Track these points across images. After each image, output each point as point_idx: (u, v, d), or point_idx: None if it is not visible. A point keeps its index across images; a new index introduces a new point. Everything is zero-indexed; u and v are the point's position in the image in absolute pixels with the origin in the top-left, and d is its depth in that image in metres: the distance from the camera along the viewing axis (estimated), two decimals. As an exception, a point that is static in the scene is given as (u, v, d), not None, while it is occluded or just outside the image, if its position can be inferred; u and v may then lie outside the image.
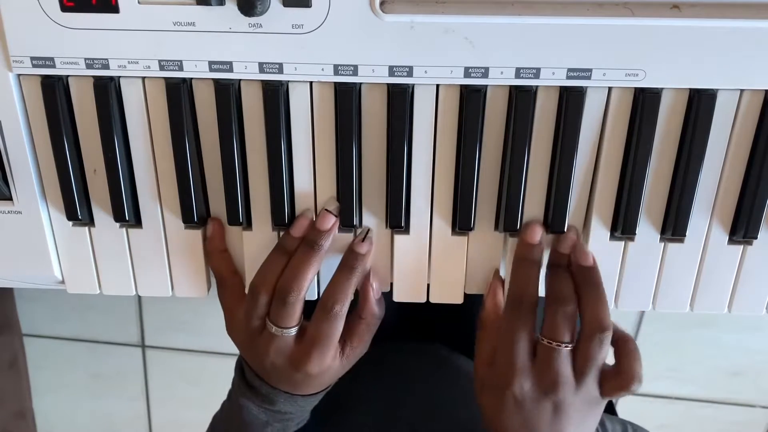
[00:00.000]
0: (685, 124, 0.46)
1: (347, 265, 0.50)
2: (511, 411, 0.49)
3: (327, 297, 0.49)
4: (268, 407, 0.54)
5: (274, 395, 0.54)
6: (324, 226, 0.49)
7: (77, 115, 0.47)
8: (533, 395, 0.48)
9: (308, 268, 0.48)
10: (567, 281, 0.49)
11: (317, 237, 0.49)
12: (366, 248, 0.50)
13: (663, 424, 1.59)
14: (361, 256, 0.50)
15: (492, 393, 0.50)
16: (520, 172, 0.47)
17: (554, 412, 0.48)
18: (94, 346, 1.62)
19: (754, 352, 1.48)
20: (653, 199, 0.48)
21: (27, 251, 0.52)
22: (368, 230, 0.50)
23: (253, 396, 0.55)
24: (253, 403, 0.55)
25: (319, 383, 0.53)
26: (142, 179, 0.49)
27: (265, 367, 0.52)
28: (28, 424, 1.64)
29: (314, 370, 0.50)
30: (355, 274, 0.49)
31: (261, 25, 0.43)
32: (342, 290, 0.49)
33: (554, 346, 0.47)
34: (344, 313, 0.49)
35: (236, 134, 0.47)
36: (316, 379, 0.52)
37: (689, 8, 0.43)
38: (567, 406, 0.48)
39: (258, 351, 0.51)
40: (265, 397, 0.54)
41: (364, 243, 0.50)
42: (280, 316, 0.49)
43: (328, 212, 0.49)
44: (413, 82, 0.45)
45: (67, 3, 0.43)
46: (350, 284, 0.49)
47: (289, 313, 0.49)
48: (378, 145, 0.48)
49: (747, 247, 0.50)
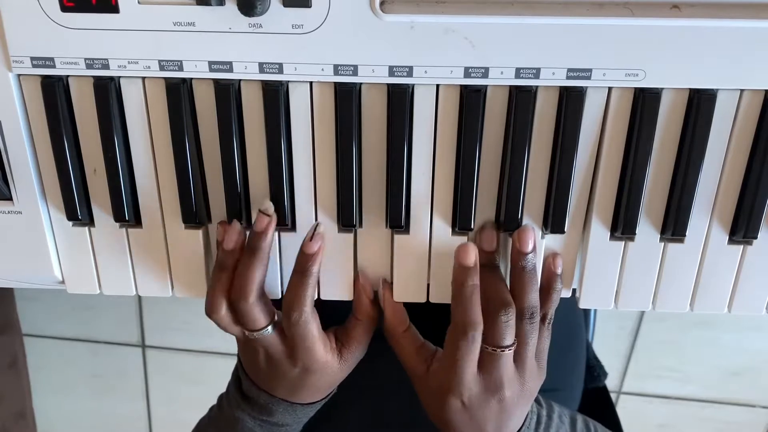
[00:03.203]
0: (685, 124, 0.46)
1: (299, 269, 0.49)
2: (457, 412, 0.50)
3: (286, 305, 0.49)
4: (265, 419, 0.54)
5: (273, 404, 0.53)
6: (259, 228, 0.48)
7: (77, 115, 0.47)
8: (479, 399, 0.49)
9: (253, 273, 0.48)
10: (500, 283, 0.49)
11: (255, 240, 0.48)
12: (315, 247, 0.49)
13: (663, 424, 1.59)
14: (312, 256, 0.49)
15: (437, 395, 0.50)
16: (520, 172, 0.47)
17: (500, 408, 0.50)
18: (94, 346, 1.62)
19: (754, 352, 1.48)
20: (653, 199, 0.48)
21: (27, 251, 0.52)
22: (316, 226, 0.49)
23: (250, 408, 0.54)
24: (249, 415, 0.54)
25: (317, 386, 0.53)
26: (142, 179, 0.49)
27: (261, 368, 0.52)
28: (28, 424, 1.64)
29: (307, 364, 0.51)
30: (308, 277, 0.49)
31: (261, 25, 0.43)
32: (298, 295, 0.49)
33: (499, 353, 0.48)
34: (307, 317, 0.49)
35: (236, 134, 0.47)
36: (315, 376, 0.52)
37: (689, 8, 0.43)
38: (513, 400, 0.50)
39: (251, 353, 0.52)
40: (263, 407, 0.54)
41: (313, 242, 0.49)
42: (245, 322, 0.49)
43: (261, 213, 0.48)
44: (413, 82, 0.45)
45: (67, 3, 0.43)
46: (306, 287, 0.49)
47: (251, 318, 0.49)
48: (378, 145, 0.48)
49: (747, 247, 0.50)
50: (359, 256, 0.52)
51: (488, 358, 0.48)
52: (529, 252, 0.49)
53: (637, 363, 1.52)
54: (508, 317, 0.47)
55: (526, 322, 0.49)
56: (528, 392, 0.51)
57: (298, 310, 0.49)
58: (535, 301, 0.49)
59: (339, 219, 0.50)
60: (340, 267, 0.52)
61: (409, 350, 0.52)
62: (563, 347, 0.78)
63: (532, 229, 0.49)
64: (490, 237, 0.50)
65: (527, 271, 0.49)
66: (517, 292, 0.49)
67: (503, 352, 0.48)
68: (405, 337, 0.52)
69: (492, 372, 0.48)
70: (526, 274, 0.49)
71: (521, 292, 0.49)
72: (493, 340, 0.48)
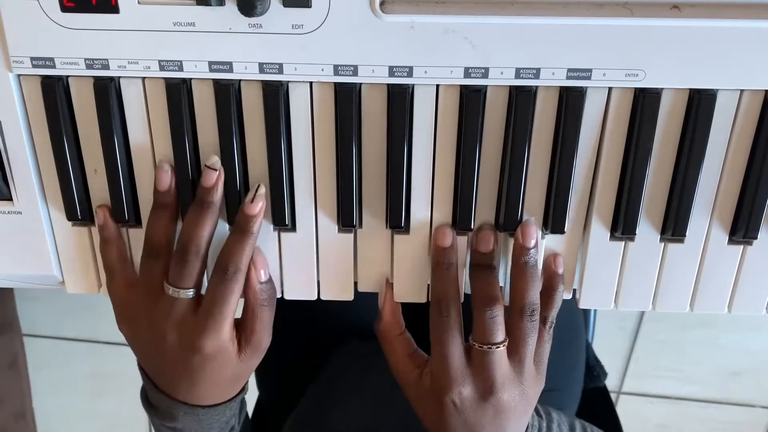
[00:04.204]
0: (685, 124, 0.46)
1: (239, 228, 0.48)
2: (452, 416, 0.49)
3: (221, 260, 0.48)
4: (171, 426, 0.53)
5: (174, 409, 0.53)
6: (207, 183, 0.48)
7: (77, 116, 0.47)
8: (473, 399, 0.48)
9: (203, 225, 0.48)
10: (490, 281, 0.49)
11: (204, 194, 0.48)
12: (257, 208, 0.48)
13: (663, 424, 1.59)
14: (253, 217, 0.48)
15: (429, 401, 0.50)
16: (520, 172, 0.47)
17: (495, 411, 0.49)
18: (94, 346, 1.62)
19: (754, 352, 1.48)
20: (653, 199, 0.48)
21: (27, 251, 0.52)
22: (258, 187, 0.49)
23: (156, 415, 0.54)
24: (159, 422, 0.54)
25: (217, 379, 0.52)
26: (142, 179, 0.49)
27: (164, 358, 0.51)
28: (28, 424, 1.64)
29: (208, 347, 0.48)
30: (248, 236, 0.48)
31: (261, 25, 0.43)
32: (236, 253, 0.48)
33: (486, 349, 0.47)
34: (240, 278, 0.48)
35: (236, 134, 0.47)
36: (213, 364, 0.50)
37: (689, 8, 0.43)
38: (508, 402, 0.49)
39: (155, 329, 0.50)
40: (165, 413, 0.53)
41: (254, 203, 0.48)
42: (178, 274, 0.48)
43: (208, 168, 0.48)
44: (413, 83, 0.45)
45: (67, 3, 0.43)
46: (244, 246, 0.48)
47: (187, 270, 0.48)
48: (378, 146, 0.48)
49: (747, 247, 0.50)
50: (359, 257, 0.52)
51: (478, 355, 0.48)
52: (532, 247, 0.48)
53: (637, 363, 1.52)
54: (494, 312, 0.47)
55: (526, 320, 0.48)
56: (526, 397, 0.50)
57: (233, 264, 0.48)
58: (537, 298, 0.49)
59: (339, 219, 0.50)
60: (340, 267, 0.52)
61: (402, 355, 0.52)
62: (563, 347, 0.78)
63: (535, 224, 0.49)
64: (487, 238, 0.49)
65: (529, 267, 0.48)
66: (519, 288, 0.48)
67: (492, 349, 0.47)
68: (399, 341, 0.52)
69: (483, 370, 0.48)
70: (528, 269, 0.48)
71: (522, 289, 0.48)
72: (482, 336, 0.47)
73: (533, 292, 0.48)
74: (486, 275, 0.49)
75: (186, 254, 0.48)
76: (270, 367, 0.81)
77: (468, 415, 0.49)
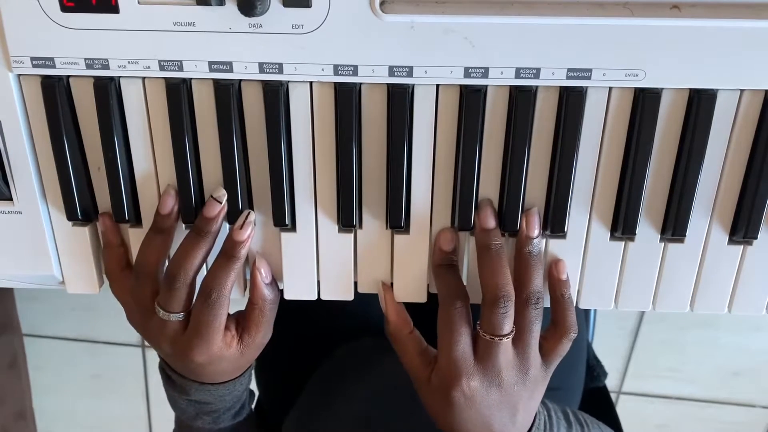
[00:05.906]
0: (685, 124, 0.46)
1: (226, 253, 0.49)
2: (463, 408, 0.49)
3: (205, 284, 0.49)
4: (185, 397, 0.55)
5: (185, 384, 0.55)
6: (209, 214, 0.48)
7: (79, 115, 0.47)
8: (482, 389, 0.48)
9: (195, 254, 0.48)
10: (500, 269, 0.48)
11: (203, 224, 0.48)
12: (245, 235, 0.48)
13: (663, 424, 1.59)
14: (240, 243, 0.48)
15: (439, 395, 0.50)
16: (520, 172, 0.47)
17: (505, 399, 0.49)
18: (94, 346, 1.62)
19: (754, 352, 1.48)
20: (653, 199, 0.48)
21: (27, 251, 0.52)
22: (247, 214, 0.49)
23: (172, 388, 0.56)
24: (178, 394, 0.56)
25: (219, 372, 0.53)
26: (142, 179, 0.49)
27: (165, 354, 0.53)
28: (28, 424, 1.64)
29: (200, 359, 0.50)
30: (233, 261, 0.48)
31: (261, 25, 0.43)
32: (220, 277, 0.48)
33: (497, 341, 0.47)
34: (224, 301, 0.49)
35: (236, 134, 0.47)
36: (210, 367, 0.52)
37: (689, 8, 0.43)
38: (516, 389, 0.49)
39: (152, 337, 0.52)
40: (179, 387, 0.55)
41: (243, 229, 0.48)
42: (167, 301, 0.49)
43: (213, 200, 0.48)
44: (413, 82, 0.45)
45: (67, 3, 0.43)
46: (229, 271, 0.48)
47: (175, 298, 0.49)
48: (378, 145, 0.48)
49: (747, 247, 0.50)
50: (359, 257, 0.52)
51: (485, 345, 0.48)
52: (536, 236, 0.48)
53: (637, 363, 1.52)
54: (507, 308, 0.47)
55: (531, 308, 0.48)
56: (533, 383, 0.50)
57: (217, 290, 0.48)
58: (541, 286, 0.49)
59: (339, 219, 0.50)
60: (340, 267, 0.52)
61: (413, 353, 0.52)
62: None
63: (538, 214, 0.49)
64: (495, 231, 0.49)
65: (533, 256, 0.49)
66: (522, 278, 0.49)
67: (501, 340, 0.47)
68: (410, 339, 0.52)
69: (490, 358, 0.48)
70: (531, 259, 0.49)
71: (526, 278, 0.48)
72: (491, 328, 0.47)
73: (537, 280, 0.49)
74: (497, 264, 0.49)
75: (174, 282, 0.48)
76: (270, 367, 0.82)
77: (479, 406, 0.49)
